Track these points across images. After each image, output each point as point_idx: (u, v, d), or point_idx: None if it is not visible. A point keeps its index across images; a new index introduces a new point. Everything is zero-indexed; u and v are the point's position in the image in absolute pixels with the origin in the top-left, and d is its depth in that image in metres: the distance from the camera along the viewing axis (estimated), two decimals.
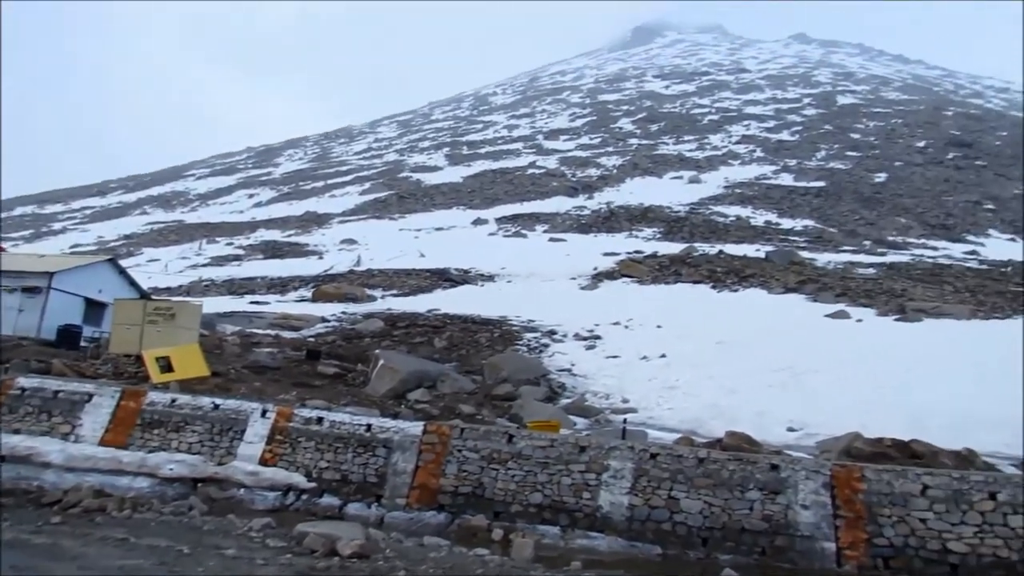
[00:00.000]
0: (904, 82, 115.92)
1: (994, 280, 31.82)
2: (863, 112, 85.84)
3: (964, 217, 50.20)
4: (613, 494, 10.04)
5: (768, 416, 14.04)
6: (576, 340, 21.23)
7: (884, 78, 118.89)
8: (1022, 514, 8.63)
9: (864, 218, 49.06)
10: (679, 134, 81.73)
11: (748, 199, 54.24)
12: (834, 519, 9.21)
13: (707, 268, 31.83)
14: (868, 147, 70.86)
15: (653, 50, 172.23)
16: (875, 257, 37.26)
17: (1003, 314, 25.00)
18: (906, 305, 25.39)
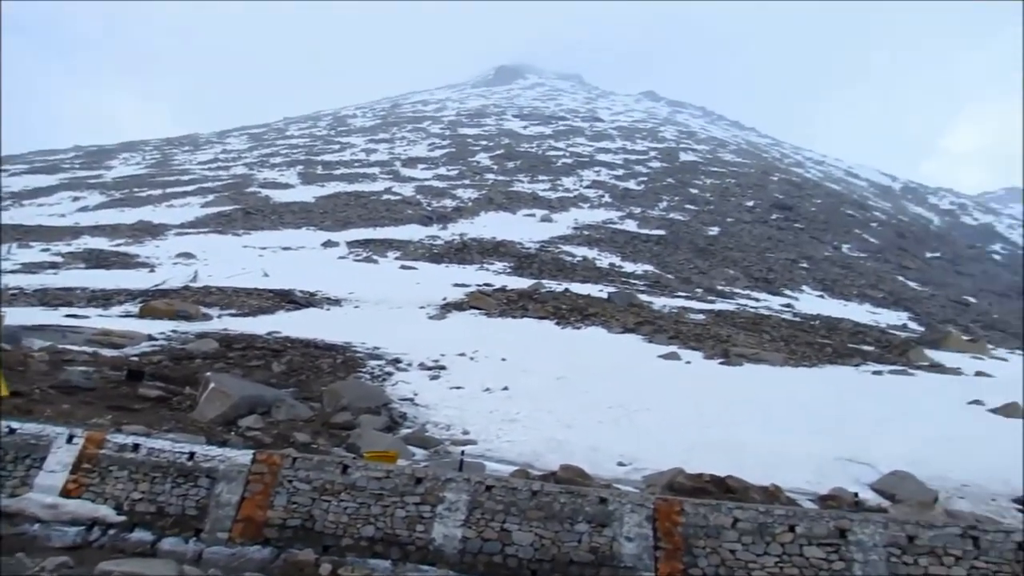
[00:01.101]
0: (739, 146, 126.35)
1: (804, 331, 35.03)
2: (702, 170, 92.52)
3: (783, 273, 55.06)
4: (447, 526, 9.98)
5: (601, 451, 14.56)
6: (421, 370, 21.09)
7: (722, 140, 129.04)
8: (815, 545, 9.48)
9: (698, 267, 52.61)
10: (534, 173, 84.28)
11: (595, 241, 56.66)
12: (655, 550, 9.66)
13: (553, 304, 32.81)
14: (704, 202, 76.33)
15: (514, 90, 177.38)
16: (705, 304, 39.96)
17: (810, 363, 27.57)
18: (730, 350, 27.36)
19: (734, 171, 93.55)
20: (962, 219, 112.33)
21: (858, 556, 9.45)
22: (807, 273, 56.36)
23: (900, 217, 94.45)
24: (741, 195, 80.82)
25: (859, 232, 75.06)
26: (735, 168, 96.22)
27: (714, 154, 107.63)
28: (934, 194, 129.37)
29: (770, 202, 78.71)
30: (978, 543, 9.48)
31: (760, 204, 77.65)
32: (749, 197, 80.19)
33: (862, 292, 53.09)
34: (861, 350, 31.71)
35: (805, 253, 62.31)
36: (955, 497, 12.82)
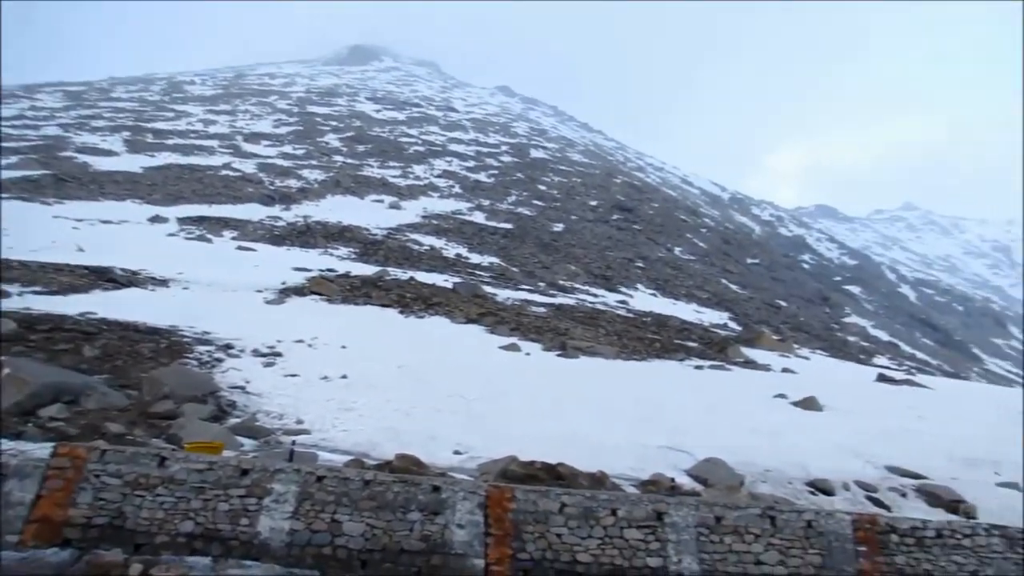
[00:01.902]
0: (586, 147, 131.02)
1: (637, 327, 36.98)
2: (550, 167, 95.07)
3: (620, 271, 57.79)
4: (274, 519, 9.62)
5: (438, 440, 14.61)
6: (255, 356, 20.17)
7: (571, 140, 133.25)
8: (635, 527, 10.05)
9: (542, 262, 54.06)
10: (385, 159, 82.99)
11: (443, 231, 56.71)
12: (485, 537, 9.84)
13: (397, 293, 32.49)
14: (551, 199, 78.53)
15: (369, 72, 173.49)
16: (547, 298, 41.16)
17: (640, 356, 29.16)
18: (567, 343, 28.36)
19: (580, 171, 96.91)
20: (779, 230, 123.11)
21: (672, 536, 10.12)
22: (642, 272, 59.49)
23: (727, 225, 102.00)
24: (586, 194, 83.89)
25: (690, 236, 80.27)
26: (582, 168, 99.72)
27: (563, 153, 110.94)
28: (757, 206, 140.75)
29: (612, 203, 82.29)
30: (775, 522, 10.44)
31: (603, 204, 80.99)
32: (593, 197, 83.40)
33: (690, 292, 56.81)
34: (686, 346, 33.94)
35: (641, 253, 65.74)
36: (759, 481, 14.05)
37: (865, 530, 10.85)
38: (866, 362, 46.06)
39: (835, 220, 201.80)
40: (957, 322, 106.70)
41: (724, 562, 10.15)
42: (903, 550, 10.95)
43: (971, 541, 11.37)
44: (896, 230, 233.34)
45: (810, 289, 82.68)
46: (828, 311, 75.10)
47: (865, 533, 10.82)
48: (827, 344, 50.97)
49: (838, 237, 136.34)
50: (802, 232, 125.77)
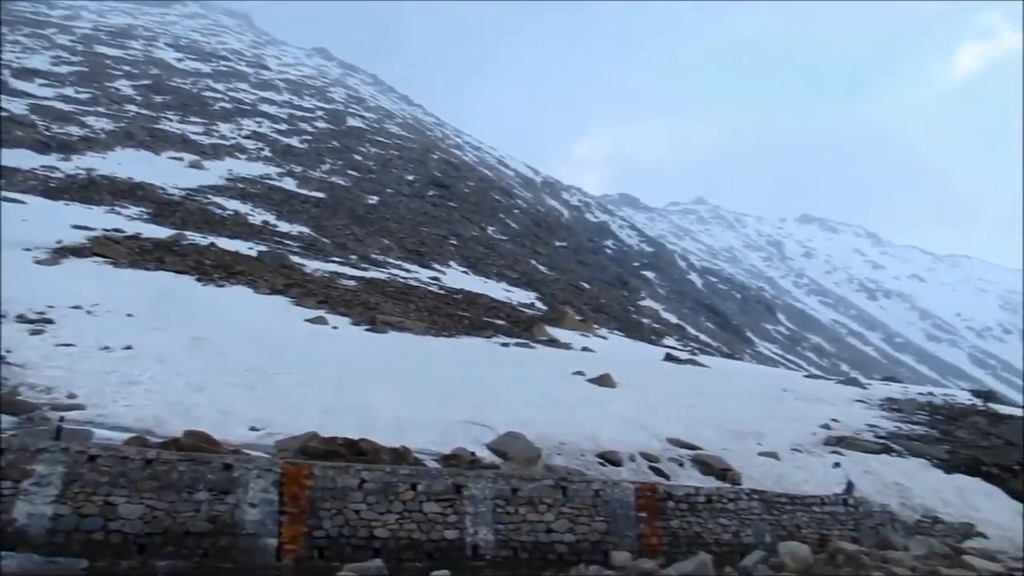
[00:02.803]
0: (405, 120, 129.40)
1: (448, 304, 37.34)
2: (368, 137, 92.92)
3: (434, 247, 57.95)
4: (34, 504, 8.64)
5: (233, 415, 13.86)
6: (19, 323, 17.92)
7: (389, 112, 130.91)
8: (434, 501, 10.17)
9: (355, 234, 52.85)
10: (186, 113, 76.75)
11: (249, 196, 53.63)
12: (279, 515, 9.50)
13: (195, 259, 30.30)
14: (367, 170, 76.88)
15: (170, 16, 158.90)
16: (358, 271, 40.35)
17: (449, 333, 29.49)
18: (377, 317, 28.01)
19: (398, 144, 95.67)
20: (586, 215, 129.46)
21: (470, 509, 10.37)
22: (455, 250, 60.08)
23: (538, 207, 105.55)
24: (403, 168, 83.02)
25: (503, 217, 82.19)
26: (400, 141, 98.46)
27: (381, 124, 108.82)
28: (567, 191, 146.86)
29: (429, 179, 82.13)
30: (566, 492, 11.03)
31: (419, 179, 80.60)
32: (410, 171, 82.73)
33: (501, 272, 58.26)
34: (494, 324, 34.82)
35: (455, 231, 66.32)
36: (554, 454, 14.76)
37: (646, 498, 11.77)
38: (656, 343, 49.88)
39: (636, 209, 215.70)
40: (735, 308, 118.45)
41: (518, 531, 10.57)
42: (678, 515, 12.02)
43: (735, 505, 12.73)
44: (688, 222, 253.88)
45: (611, 273, 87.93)
46: (626, 294, 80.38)
47: (646, 500, 11.74)
48: (623, 325, 54.54)
49: (638, 225, 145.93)
50: (606, 219, 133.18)
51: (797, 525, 13.20)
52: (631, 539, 11.34)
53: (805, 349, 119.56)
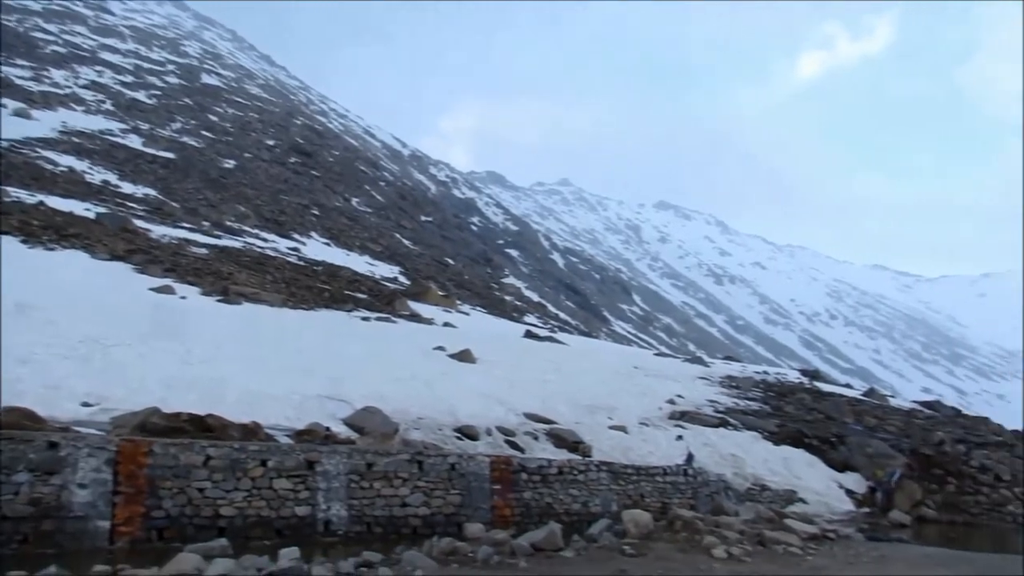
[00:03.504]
0: (267, 81, 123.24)
1: (307, 276, 36.20)
2: (224, 97, 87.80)
3: (294, 216, 55.86)
4: None
5: (63, 390, 12.78)
6: None
7: (250, 72, 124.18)
8: (285, 477, 9.89)
9: (208, 199, 49.95)
10: (11, 55, 69.19)
11: (87, 152, 49.32)
12: (113, 496, 8.90)
13: (21, 219, 27.55)
14: (223, 131, 72.73)
15: None
16: (211, 238, 38.23)
17: (308, 306, 28.63)
18: (230, 287, 26.70)
19: (258, 106, 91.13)
20: (453, 191, 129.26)
21: (323, 484, 10.17)
22: (317, 220, 58.22)
23: (405, 181, 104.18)
24: (263, 132, 79.23)
25: (369, 188, 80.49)
26: (260, 103, 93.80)
27: (240, 84, 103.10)
28: (434, 165, 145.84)
29: (290, 145, 78.88)
30: (422, 466, 11.05)
31: (280, 145, 77.26)
32: (270, 136, 79.10)
33: (364, 244, 57.11)
34: (356, 297, 34.14)
35: (318, 201, 64.23)
36: (412, 428, 14.73)
37: (501, 470, 12.02)
38: (518, 320, 50.82)
39: (503, 187, 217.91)
40: (594, 288, 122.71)
41: (372, 506, 10.49)
42: (531, 487, 12.36)
43: (585, 476, 13.26)
44: (553, 202, 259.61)
45: (476, 250, 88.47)
46: (490, 271, 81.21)
47: (500, 473, 11.99)
48: (486, 302, 55.09)
49: (504, 203, 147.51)
50: (473, 195, 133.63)
51: (641, 494, 13.96)
52: (485, 511, 11.55)
53: (657, 329, 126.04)
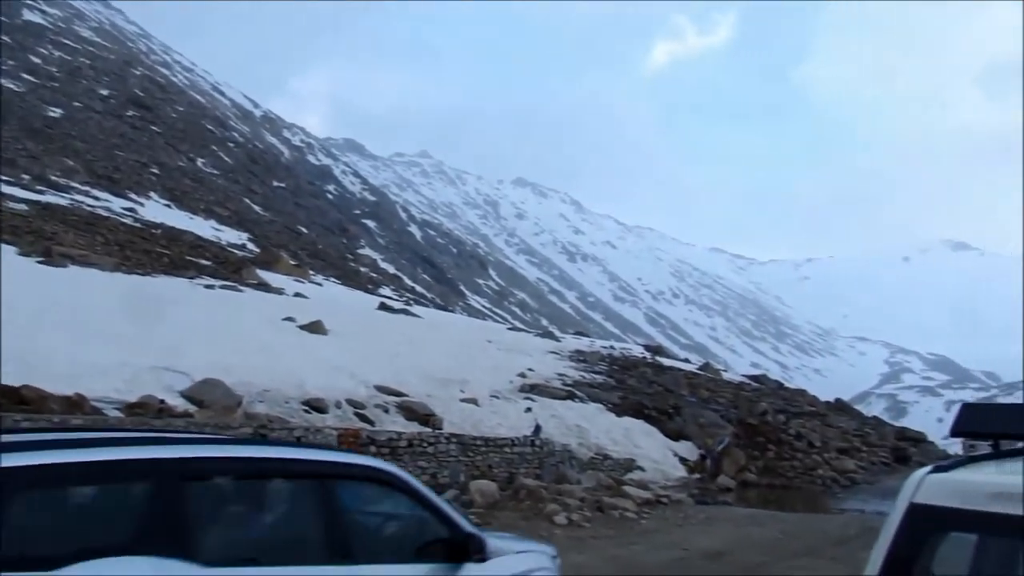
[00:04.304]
0: (100, 24, 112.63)
1: (145, 239, 33.82)
2: (49, 38, 79.43)
3: (130, 175, 51.84)
4: None
5: None
6: None
7: (80, 12, 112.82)
8: None
9: (29, 150, 45.28)
10: None
11: None
12: None
13: None
14: (48, 76, 65.93)
15: None
16: (32, 194, 34.76)
17: (145, 271, 26.77)
18: (53, 248, 24.48)
19: (90, 51, 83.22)
20: (308, 157, 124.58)
21: None
22: (157, 180, 54.38)
23: (256, 143, 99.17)
24: (95, 80, 72.55)
25: (215, 149, 75.99)
26: (92, 48, 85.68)
27: (68, 24, 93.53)
28: (288, 129, 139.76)
29: (128, 96, 72.83)
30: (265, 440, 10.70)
31: (116, 96, 71.15)
32: (104, 85, 72.61)
33: (209, 208, 54.01)
34: (199, 264, 32.32)
35: (158, 159, 59.92)
36: (256, 401, 14.22)
37: (348, 443, 11.86)
38: (373, 292, 50.09)
39: (361, 156, 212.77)
40: (451, 262, 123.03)
41: None
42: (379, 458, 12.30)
43: (435, 448, 13.37)
44: (412, 174, 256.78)
45: (331, 219, 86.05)
46: (345, 242, 79.33)
47: (348, 445, 11.83)
48: (341, 273, 53.87)
49: (361, 173, 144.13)
50: (329, 163, 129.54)
51: (490, 465, 14.27)
52: None
53: (511, 304, 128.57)
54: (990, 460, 2.49)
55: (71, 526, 2.92)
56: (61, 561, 2.65)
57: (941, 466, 2.40)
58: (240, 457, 3.50)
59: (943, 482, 2.29)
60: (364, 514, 3.90)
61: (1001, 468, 2.41)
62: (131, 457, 3.03)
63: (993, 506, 2.10)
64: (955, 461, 2.45)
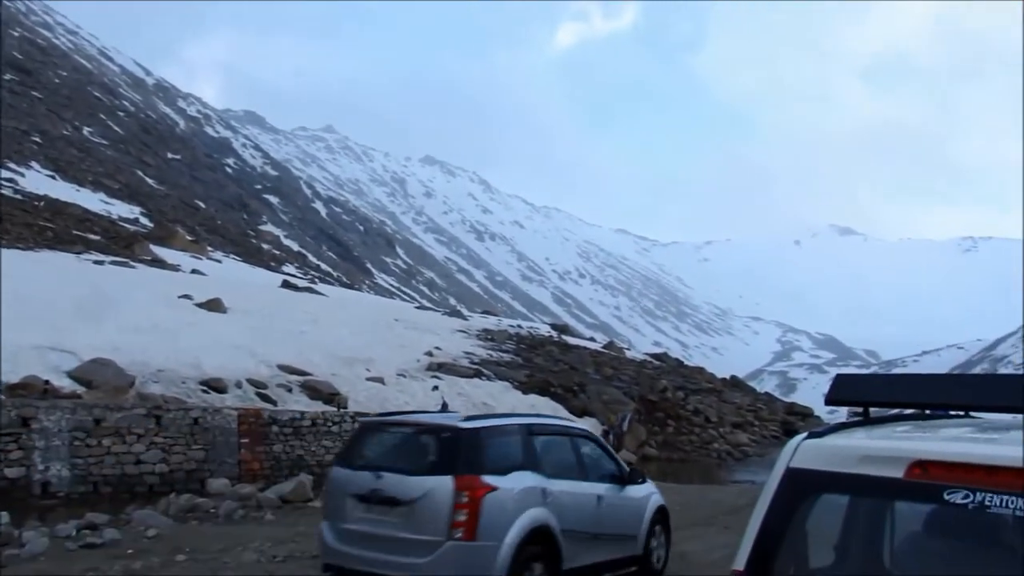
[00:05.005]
0: None
1: (26, 212, 31.66)
2: None
3: (10, 144, 48.12)
4: None
5: None
6: None
7: None
8: None
9: None
10: None
11: None
12: None
13: None
14: None
15: None
16: None
17: (26, 245, 25.10)
18: None
19: None
20: (205, 128, 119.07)
21: (40, 443, 9.13)
22: (39, 149, 50.77)
23: (148, 112, 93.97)
24: None
25: (104, 118, 71.54)
26: None
27: None
28: (184, 99, 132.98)
29: (6, 59, 67.43)
30: (160, 421, 10.33)
31: None
32: None
33: (98, 180, 50.93)
34: (87, 238, 30.56)
35: (40, 127, 55.92)
36: (151, 381, 13.63)
37: (249, 423, 11.61)
38: (276, 269, 48.64)
39: (262, 129, 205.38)
40: (357, 240, 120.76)
41: (100, 465, 9.64)
42: (282, 439, 12.10)
43: (339, 427, 13.23)
44: (316, 149, 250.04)
45: (230, 193, 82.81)
46: (246, 217, 76.58)
47: (249, 426, 11.58)
48: (241, 249, 52.00)
49: (263, 146, 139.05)
50: (228, 135, 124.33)
51: None
52: (231, 465, 11.12)
53: (419, 283, 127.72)
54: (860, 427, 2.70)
55: (505, 454, 6.12)
56: (506, 471, 5.89)
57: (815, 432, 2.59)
58: (547, 424, 7.32)
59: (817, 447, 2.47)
60: (584, 455, 7.18)
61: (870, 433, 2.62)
62: (515, 423, 6.63)
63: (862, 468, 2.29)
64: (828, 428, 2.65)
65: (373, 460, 6.16)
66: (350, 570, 5.90)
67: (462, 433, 5.93)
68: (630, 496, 7.34)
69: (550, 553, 6.02)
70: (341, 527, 5.97)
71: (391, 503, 5.71)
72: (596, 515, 6.72)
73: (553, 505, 6.12)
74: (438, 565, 5.44)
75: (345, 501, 6.00)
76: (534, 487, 6.06)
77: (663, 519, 7.90)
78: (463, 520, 5.44)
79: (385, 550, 5.64)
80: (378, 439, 6.57)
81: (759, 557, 2.41)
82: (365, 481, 5.88)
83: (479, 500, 5.52)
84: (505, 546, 5.55)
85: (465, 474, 5.62)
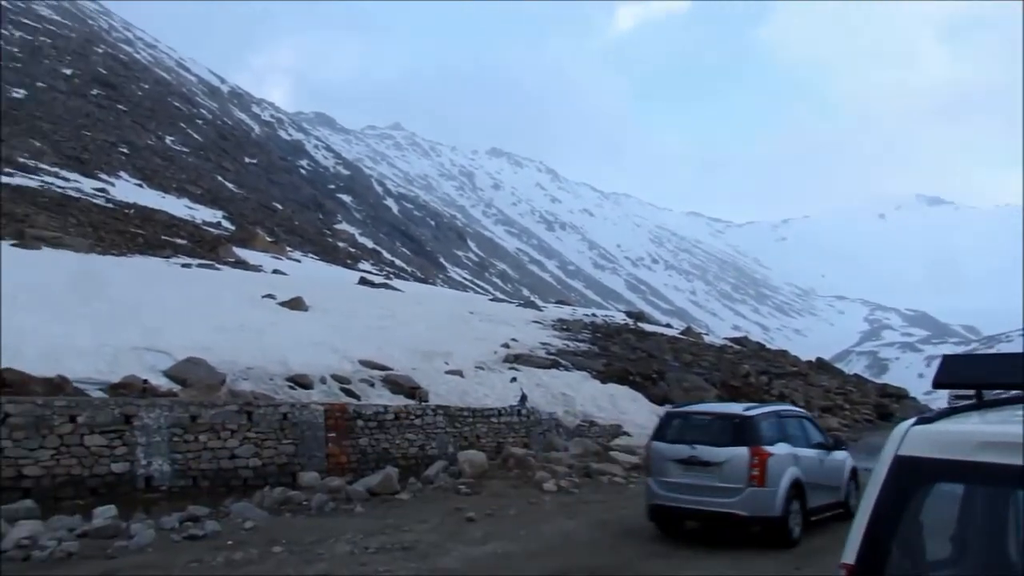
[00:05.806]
0: (60, 3, 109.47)
1: (117, 219, 33.31)
2: (9, 18, 77.08)
3: (99, 155, 50.80)
4: None
5: None
6: None
7: None
8: (98, 433, 9.21)
9: None
10: None
11: None
12: None
13: None
14: (10, 57, 64.10)
15: None
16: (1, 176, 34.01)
17: (120, 251, 26.41)
18: (26, 231, 24.06)
19: (51, 30, 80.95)
20: (278, 132, 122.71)
21: (142, 439, 9.57)
22: (127, 159, 53.35)
23: (225, 119, 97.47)
24: (57, 60, 70.67)
25: (184, 126, 74.58)
26: (52, 27, 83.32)
27: (26, 3, 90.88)
28: (257, 104, 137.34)
29: (92, 75, 71.06)
30: (251, 417, 10.69)
31: (80, 76, 69.38)
32: (67, 65, 70.75)
33: (181, 186, 53.17)
34: (174, 243, 31.92)
35: (126, 138, 58.73)
36: (240, 379, 14.14)
37: (335, 418, 11.89)
38: (352, 267, 49.78)
39: (332, 130, 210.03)
40: (429, 235, 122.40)
41: (198, 460, 10.04)
42: (367, 433, 12.35)
43: (422, 420, 13.42)
44: (385, 147, 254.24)
45: (305, 194, 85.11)
46: (321, 217, 78.58)
47: (335, 421, 11.86)
48: (318, 248, 53.43)
49: (334, 147, 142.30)
50: (300, 137, 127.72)
51: (477, 435, 14.37)
52: (319, 459, 11.42)
53: (492, 275, 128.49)
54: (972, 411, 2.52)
55: (771, 432, 9.14)
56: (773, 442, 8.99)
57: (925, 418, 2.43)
58: (787, 409, 10.77)
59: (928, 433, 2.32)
60: (808, 429, 10.12)
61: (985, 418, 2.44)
62: (772, 410, 9.90)
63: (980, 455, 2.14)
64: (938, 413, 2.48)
65: (684, 436, 9.10)
66: (677, 508, 8.96)
67: (748, 419, 9.04)
68: (835, 459, 10.29)
69: (801, 495, 8.99)
70: (666, 481, 8.97)
71: (705, 464, 8.74)
72: (820, 471, 9.70)
73: (799, 464, 9.12)
74: (743, 502, 8.52)
75: (666, 464, 9.03)
76: (790, 453, 9.08)
77: (854, 476, 10.68)
78: (756, 474, 8.53)
79: (703, 494, 8.69)
80: (683, 422, 9.48)
81: (871, 551, 2.28)
82: (682, 451, 8.92)
83: (765, 461, 8.60)
84: (781, 489, 8.62)
85: (754, 445, 8.70)
